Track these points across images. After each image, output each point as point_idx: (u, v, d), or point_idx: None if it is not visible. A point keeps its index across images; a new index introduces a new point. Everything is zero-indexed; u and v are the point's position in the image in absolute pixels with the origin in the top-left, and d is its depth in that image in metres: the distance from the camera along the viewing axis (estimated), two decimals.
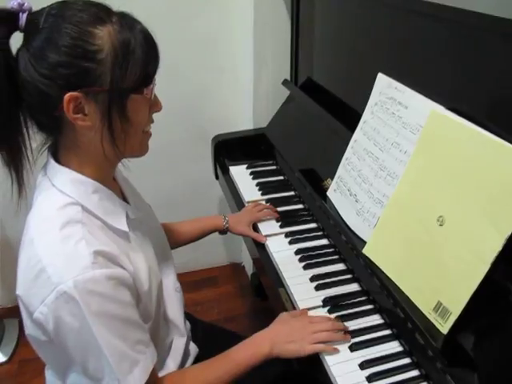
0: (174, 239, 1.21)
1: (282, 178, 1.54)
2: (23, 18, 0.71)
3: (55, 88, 0.71)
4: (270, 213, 1.34)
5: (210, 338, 1.19)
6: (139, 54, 0.74)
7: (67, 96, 0.70)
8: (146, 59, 0.76)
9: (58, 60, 0.69)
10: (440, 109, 0.91)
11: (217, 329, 1.30)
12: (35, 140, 0.79)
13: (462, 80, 0.94)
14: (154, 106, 0.81)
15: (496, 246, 0.74)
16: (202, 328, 1.21)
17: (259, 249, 1.25)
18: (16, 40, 0.73)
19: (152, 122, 0.83)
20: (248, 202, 1.43)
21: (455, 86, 0.96)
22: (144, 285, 0.83)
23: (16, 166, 0.76)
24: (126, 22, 0.74)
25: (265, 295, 2.06)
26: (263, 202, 1.41)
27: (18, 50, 0.72)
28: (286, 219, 1.32)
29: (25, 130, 0.76)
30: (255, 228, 1.31)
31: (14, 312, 2.06)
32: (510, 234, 0.73)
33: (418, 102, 0.97)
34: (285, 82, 1.66)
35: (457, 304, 0.79)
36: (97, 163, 0.80)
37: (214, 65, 1.81)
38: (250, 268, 2.25)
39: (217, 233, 1.34)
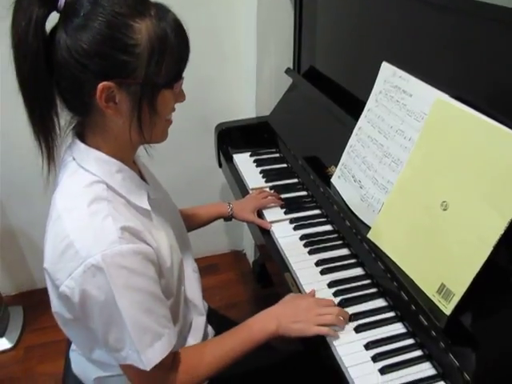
0: (190, 223, 1.23)
1: (285, 165, 1.56)
2: (62, 0, 0.71)
3: (89, 75, 0.72)
4: (274, 200, 1.36)
5: (223, 325, 1.21)
6: (174, 52, 0.75)
7: (101, 85, 0.72)
8: (179, 56, 0.77)
9: (96, 49, 0.70)
10: (444, 97, 0.93)
11: (226, 318, 1.31)
12: (62, 118, 0.80)
13: (466, 69, 0.96)
14: (179, 97, 0.83)
15: (498, 229, 0.77)
16: (214, 314, 1.23)
17: (264, 235, 1.27)
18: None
19: (174, 110, 0.85)
20: (252, 190, 1.45)
21: (459, 75, 0.98)
22: (167, 261, 0.86)
23: (47, 142, 0.77)
24: (163, 15, 0.75)
25: (266, 282, 2.09)
26: (267, 190, 1.43)
27: (54, 29, 0.72)
28: (290, 206, 1.35)
29: (55, 105, 0.78)
30: (260, 215, 1.33)
31: (18, 299, 2.09)
32: None
33: (423, 91, 0.99)
34: (288, 71, 1.67)
35: (460, 286, 0.82)
36: (120, 145, 0.82)
37: (216, 54, 1.82)
38: (251, 255, 2.28)
39: (217, 221, 1.35)
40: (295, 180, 1.48)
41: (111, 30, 0.70)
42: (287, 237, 1.23)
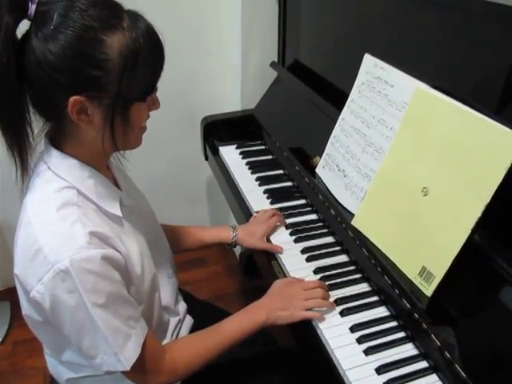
0: (179, 244, 1.21)
1: (270, 157, 1.58)
2: (32, 7, 0.69)
3: (60, 89, 0.71)
4: (280, 219, 1.25)
5: (207, 314, 1.22)
6: (147, 64, 0.75)
7: (72, 99, 0.71)
8: (152, 69, 0.77)
9: (66, 64, 0.69)
10: (424, 87, 0.96)
11: (213, 307, 1.33)
12: (36, 125, 0.80)
13: (446, 60, 0.99)
14: (153, 105, 0.83)
15: (476, 213, 0.80)
16: (199, 305, 1.24)
17: None
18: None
19: (148, 117, 0.84)
20: (255, 212, 1.33)
21: (439, 66, 1.01)
22: (136, 268, 0.86)
23: (20, 150, 0.76)
24: (136, 24, 0.73)
25: (253, 274, 2.11)
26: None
27: (25, 40, 0.70)
28: (275, 196, 1.37)
29: (27, 115, 0.77)
30: None
31: (5, 295, 2.08)
32: (489, 201, 0.78)
33: (403, 81, 1.02)
34: (272, 64, 1.69)
35: (440, 268, 0.85)
36: (93, 153, 0.82)
37: (201, 47, 1.84)
38: (237, 248, 2.29)
39: (204, 214, 1.32)
40: (280, 171, 1.50)
41: (81, 45, 0.69)
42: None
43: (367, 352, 0.90)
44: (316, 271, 1.09)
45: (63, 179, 0.79)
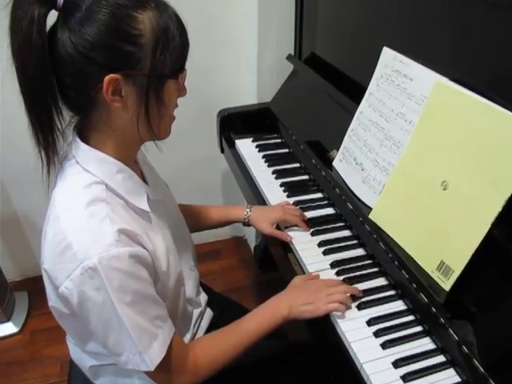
0: (198, 222, 1.22)
1: (287, 150, 1.58)
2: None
3: (95, 68, 0.72)
4: (300, 221, 1.22)
5: (224, 308, 1.24)
6: (177, 41, 0.76)
7: (107, 78, 0.71)
8: (182, 45, 0.78)
9: (101, 41, 0.70)
10: (444, 80, 0.95)
11: (229, 300, 1.34)
12: (64, 120, 0.79)
13: (466, 52, 0.98)
14: (181, 91, 0.83)
15: (496, 207, 0.79)
16: (216, 298, 1.25)
17: None
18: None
19: (176, 106, 0.85)
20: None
21: (459, 59, 1.00)
22: (162, 264, 0.86)
23: (47, 144, 0.77)
24: (162, 6, 0.75)
25: (267, 267, 2.12)
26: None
27: (55, 28, 0.72)
28: (292, 189, 1.37)
29: (57, 108, 0.77)
30: None
31: (23, 285, 2.12)
32: (509, 195, 0.78)
33: (423, 74, 1.01)
34: (289, 57, 1.68)
35: (459, 262, 0.85)
36: (125, 142, 0.82)
37: (217, 40, 1.83)
38: (252, 241, 2.31)
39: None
40: (297, 164, 1.50)
41: (116, 22, 0.70)
42: None
43: (384, 346, 0.90)
44: (333, 265, 1.09)
45: (92, 174, 0.78)
